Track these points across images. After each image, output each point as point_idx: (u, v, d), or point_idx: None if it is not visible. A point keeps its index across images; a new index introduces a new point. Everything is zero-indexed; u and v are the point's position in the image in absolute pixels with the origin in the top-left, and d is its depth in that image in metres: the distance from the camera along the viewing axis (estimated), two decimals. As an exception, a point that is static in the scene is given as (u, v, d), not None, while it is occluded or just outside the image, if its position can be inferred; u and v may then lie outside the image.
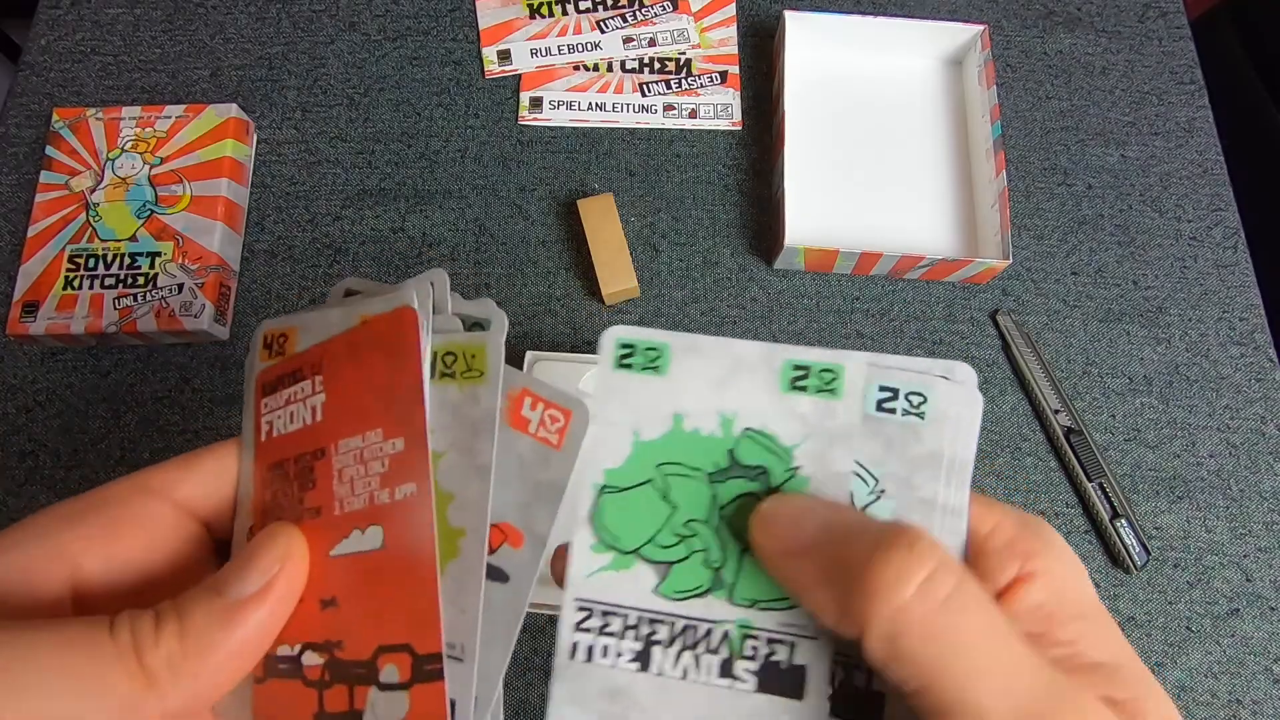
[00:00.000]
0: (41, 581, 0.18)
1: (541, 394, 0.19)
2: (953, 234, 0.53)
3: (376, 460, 0.19)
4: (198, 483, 0.21)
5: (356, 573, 0.19)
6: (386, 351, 0.20)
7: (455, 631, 0.18)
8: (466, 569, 0.19)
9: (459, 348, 0.20)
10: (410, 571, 0.19)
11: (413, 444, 0.19)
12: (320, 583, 0.19)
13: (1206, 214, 0.54)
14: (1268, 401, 0.50)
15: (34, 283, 0.48)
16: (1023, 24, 0.59)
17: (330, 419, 0.20)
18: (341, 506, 0.19)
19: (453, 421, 0.19)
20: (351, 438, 0.20)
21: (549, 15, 0.58)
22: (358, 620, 0.19)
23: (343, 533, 0.19)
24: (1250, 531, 0.47)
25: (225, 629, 0.18)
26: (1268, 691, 0.44)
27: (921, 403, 0.20)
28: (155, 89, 0.56)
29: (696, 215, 0.54)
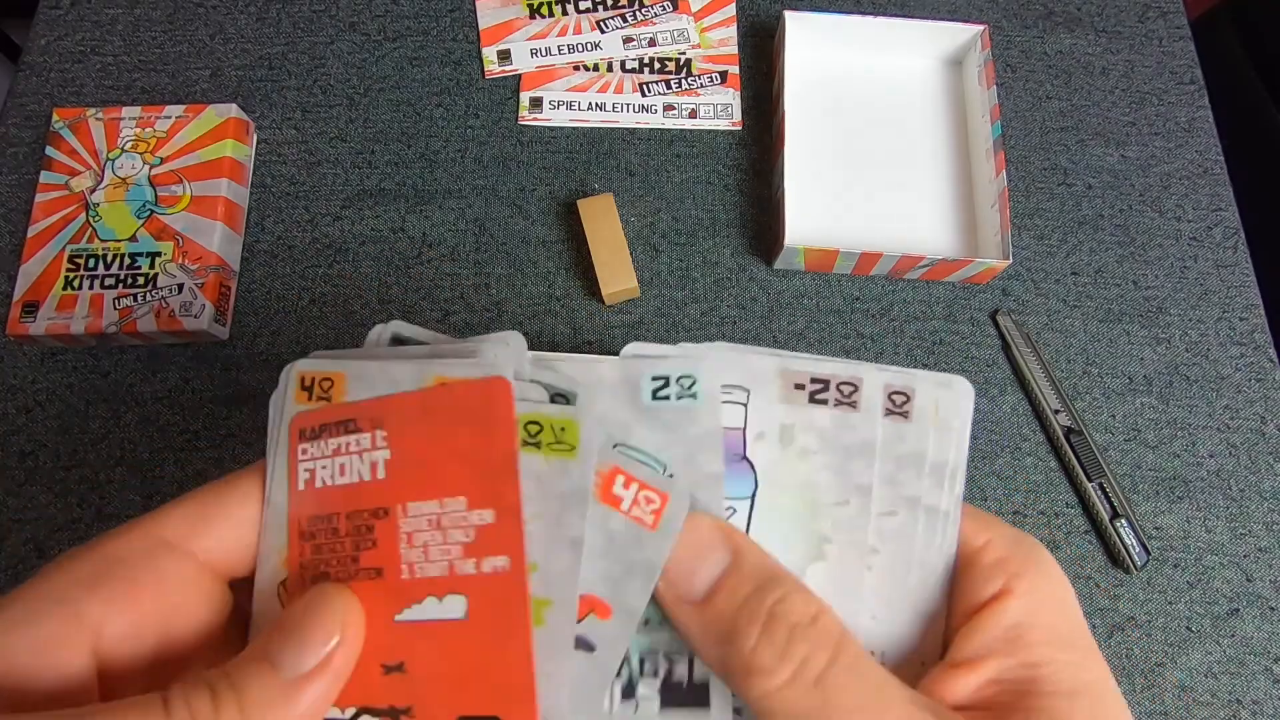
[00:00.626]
0: (65, 656, 0.17)
1: (635, 474, 0.19)
2: (953, 234, 0.53)
3: (458, 529, 0.19)
4: (220, 533, 0.19)
5: (431, 641, 0.18)
6: (472, 420, 0.19)
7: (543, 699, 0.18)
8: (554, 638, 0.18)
9: (545, 420, 0.19)
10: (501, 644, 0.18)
11: (505, 517, 0.18)
12: (383, 648, 0.19)
13: (1206, 214, 0.54)
14: (1268, 401, 0.50)
15: (34, 283, 0.48)
16: (1023, 24, 0.59)
17: (397, 480, 0.19)
18: (411, 571, 0.19)
19: (537, 492, 0.19)
20: (426, 502, 0.19)
21: (549, 15, 0.58)
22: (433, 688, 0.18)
23: (415, 598, 0.19)
24: (1250, 531, 0.47)
25: (284, 705, 0.17)
26: (1268, 691, 0.44)
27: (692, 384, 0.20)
28: (155, 89, 0.56)
29: (696, 215, 0.54)
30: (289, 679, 0.17)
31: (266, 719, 0.16)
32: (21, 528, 0.46)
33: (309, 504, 0.20)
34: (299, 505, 0.20)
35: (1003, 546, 0.20)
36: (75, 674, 0.17)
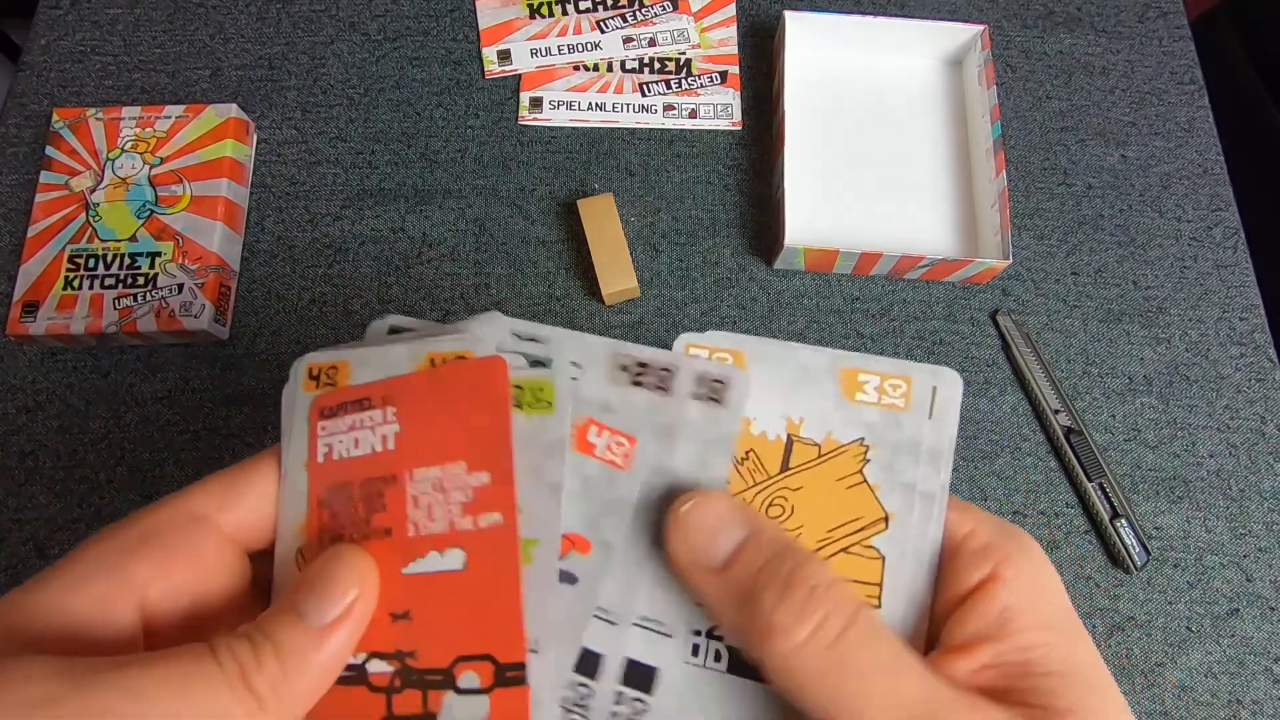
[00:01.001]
0: (116, 613, 0.19)
1: (606, 422, 0.22)
2: (953, 234, 0.53)
3: (459, 490, 0.21)
4: (244, 507, 0.21)
5: (433, 590, 0.20)
6: (472, 395, 0.21)
7: (532, 628, 0.20)
8: (540, 573, 0.20)
9: (525, 382, 0.22)
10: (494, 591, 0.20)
11: (499, 479, 0.21)
12: (392, 598, 0.20)
13: (1206, 214, 0.54)
14: (1268, 401, 0.50)
15: (34, 283, 0.48)
16: (1023, 24, 0.59)
17: (405, 449, 0.21)
18: (416, 529, 0.21)
19: (521, 444, 0.21)
20: (430, 468, 0.21)
21: (549, 15, 0.58)
22: (434, 632, 0.20)
23: (419, 553, 0.21)
24: (1250, 531, 0.47)
25: (315, 651, 0.18)
26: (1268, 691, 0.44)
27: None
28: (155, 89, 0.56)
29: (696, 215, 0.54)
30: (316, 628, 0.19)
31: (300, 664, 0.18)
32: (21, 528, 0.46)
33: (327, 475, 0.22)
34: (317, 476, 0.22)
35: (987, 533, 0.21)
36: (125, 629, 0.19)
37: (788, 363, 0.22)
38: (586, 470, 0.21)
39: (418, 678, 0.20)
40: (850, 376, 0.22)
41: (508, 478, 0.20)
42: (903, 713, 0.17)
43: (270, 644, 0.18)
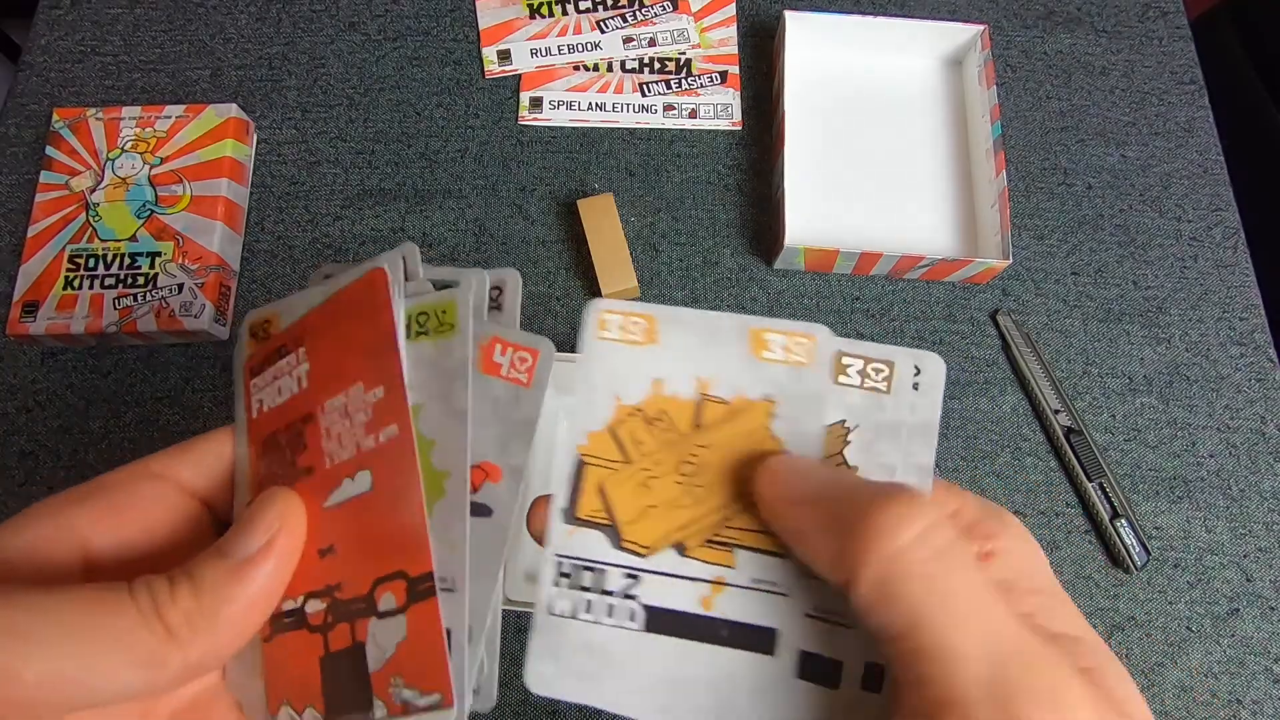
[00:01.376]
0: (53, 556, 0.19)
1: (509, 339, 0.21)
2: (953, 234, 0.53)
3: (360, 411, 0.21)
4: (196, 465, 0.22)
5: (350, 518, 0.20)
6: (361, 313, 0.21)
7: (446, 566, 0.19)
8: (452, 507, 0.20)
9: (430, 307, 0.21)
10: (399, 503, 0.20)
11: (391, 389, 0.20)
12: (318, 534, 0.21)
13: (1206, 214, 0.54)
14: (1268, 401, 0.50)
15: (34, 283, 0.48)
16: (1023, 24, 0.59)
17: (315, 385, 0.22)
18: (331, 460, 0.21)
19: (430, 375, 0.21)
20: (335, 397, 0.21)
21: (549, 15, 0.58)
22: (354, 561, 0.20)
23: (335, 483, 0.21)
24: (1250, 531, 0.47)
25: (235, 585, 0.19)
26: (1268, 691, 0.44)
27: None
28: (155, 89, 0.56)
29: (696, 215, 0.54)
30: (236, 563, 0.19)
31: (219, 596, 0.18)
32: (21, 528, 0.46)
33: (262, 428, 0.22)
34: (255, 431, 0.23)
35: (972, 512, 0.21)
36: (61, 572, 0.19)
37: (698, 325, 0.22)
38: (494, 392, 0.21)
39: (344, 609, 0.20)
40: (757, 336, 0.22)
41: (398, 386, 0.20)
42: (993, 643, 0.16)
43: (188, 580, 0.18)
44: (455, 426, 0.20)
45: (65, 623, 0.17)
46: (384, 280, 0.21)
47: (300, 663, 0.20)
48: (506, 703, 0.43)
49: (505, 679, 0.45)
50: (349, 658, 0.20)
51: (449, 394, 0.21)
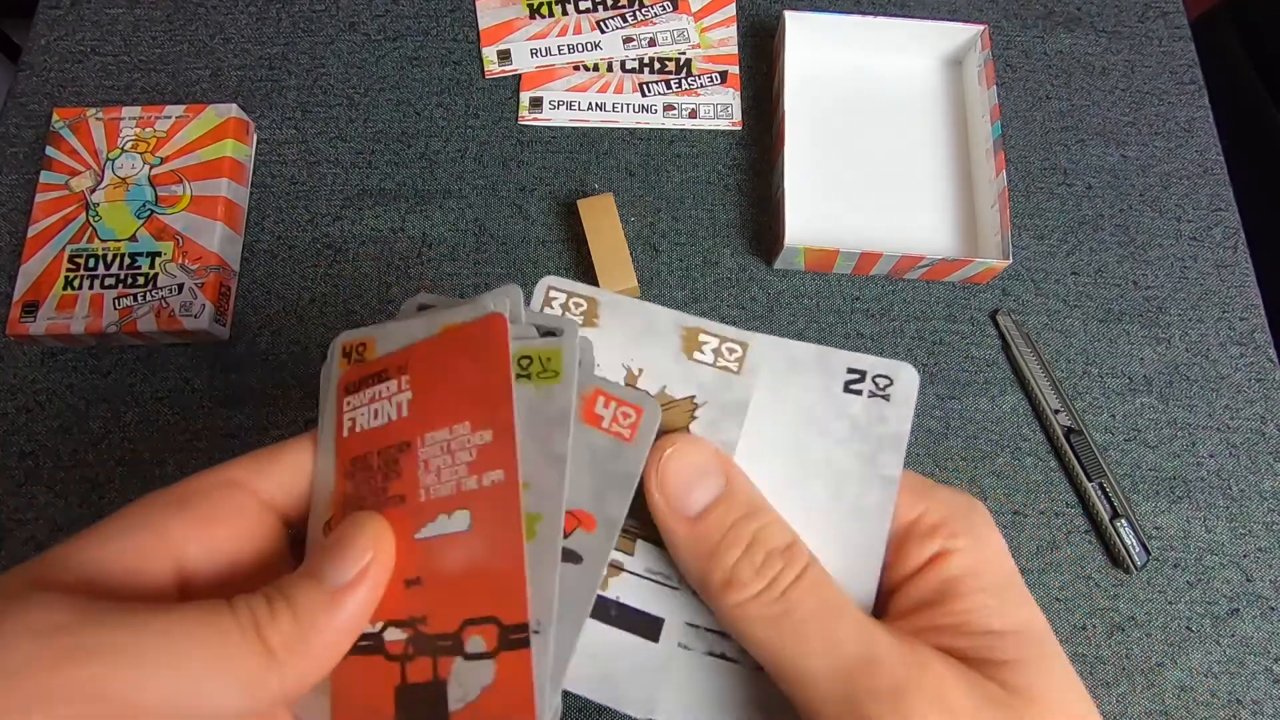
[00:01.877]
0: (150, 569, 0.19)
1: (613, 393, 0.22)
2: (953, 234, 0.53)
3: (464, 451, 0.21)
4: (278, 477, 0.22)
5: (443, 554, 0.20)
6: (474, 354, 0.21)
7: (534, 608, 0.19)
8: (542, 551, 0.20)
9: (534, 352, 0.21)
10: (497, 549, 0.20)
11: (501, 435, 0.20)
12: (405, 564, 0.21)
13: (1206, 214, 0.54)
14: (1268, 401, 0.50)
15: (34, 283, 0.48)
16: (1023, 24, 0.59)
17: (416, 415, 0.22)
18: (428, 493, 0.21)
19: (529, 418, 0.21)
20: (438, 431, 0.21)
21: (549, 15, 0.58)
22: (443, 597, 0.20)
23: (429, 517, 0.21)
24: (1250, 531, 0.47)
25: (329, 612, 0.19)
26: (1268, 691, 0.44)
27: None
28: (155, 89, 0.56)
29: (696, 215, 0.54)
30: (332, 589, 0.19)
31: (315, 622, 0.18)
32: (21, 528, 0.46)
33: (351, 448, 0.22)
34: (344, 450, 0.23)
35: (938, 513, 0.21)
36: (159, 584, 0.19)
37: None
38: (594, 442, 0.21)
39: (428, 644, 0.20)
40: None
41: (509, 433, 0.20)
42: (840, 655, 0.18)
43: (286, 602, 0.18)
44: (551, 471, 0.20)
45: (177, 646, 0.17)
46: (502, 326, 0.21)
47: (373, 689, 0.20)
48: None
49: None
50: (429, 692, 0.20)
51: (548, 439, 0.21)
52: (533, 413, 0.21)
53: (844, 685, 0.17)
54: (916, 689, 0.17)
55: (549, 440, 0.21)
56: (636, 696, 0.21)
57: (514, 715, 0.19)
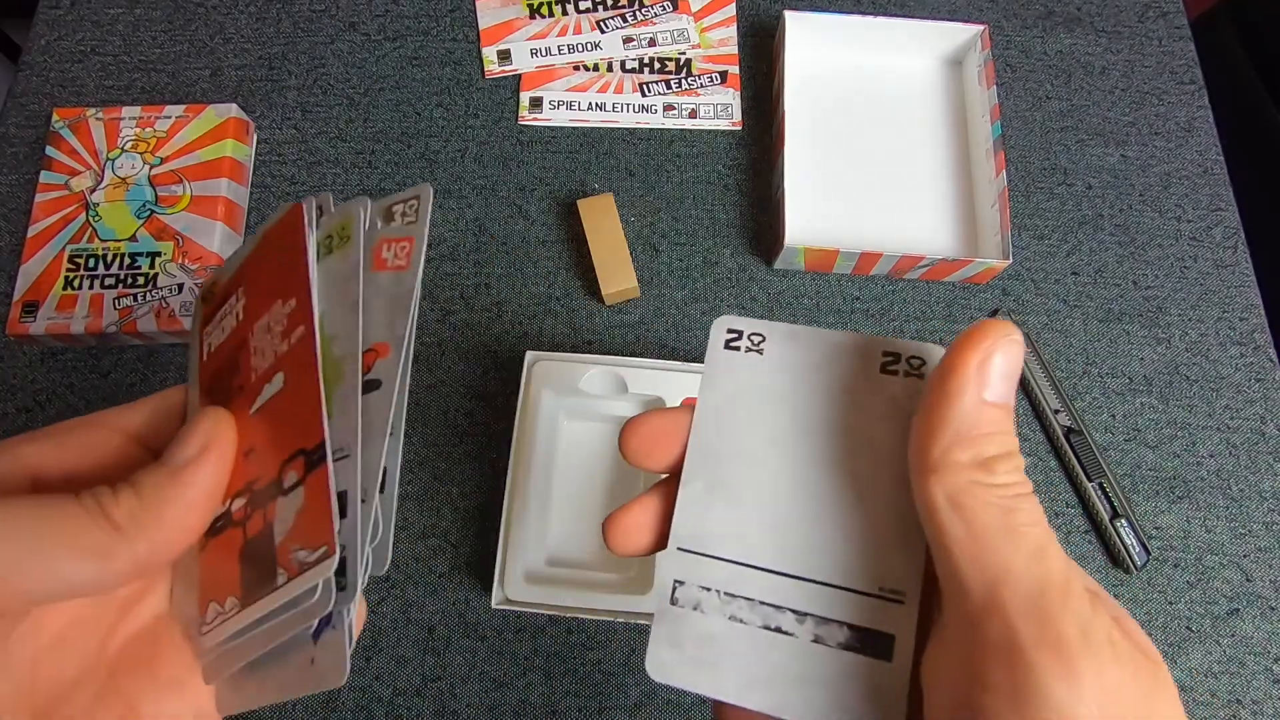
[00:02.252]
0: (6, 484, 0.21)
1: (393, 235, 0.24)
2: (953, 234, 0.53)
3: (278, 324, 0.23)
4: (143, 415, 0.24)
5: (268, 418, 0.22)
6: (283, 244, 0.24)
7: (341, 435, 0.21)
8: (348, 386, 0.22)
9: (334, 228, 0.24)
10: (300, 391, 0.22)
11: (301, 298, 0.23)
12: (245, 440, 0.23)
13: (1206, 214, 0.54)
14: (1268, 401, 0.50)
15: (34, 283, 0.48)
16: (1023, 24, 0.59)
17: (247, 315, 0.24)
18: (256, 373, 0.23)
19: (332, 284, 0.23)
20: (262, 318, 0.24)
21: (549, 15, 0.58)
22: (268, 454, 0.22)
23: (258, 392, 0.23)
24: (1250, 531, 0.47)
25: (174, 487, 0.20)
26: (1268, 691, 0.44)
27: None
28: (155, 89, 0.56)
29: (696, 215, 0.54)
30: (173, 469, 0.21)
31: (161, 497, 0.20)
32: (21, 528, 0.46)
33: (208, 369, 0.25)
34: (203, 374, 0.25)
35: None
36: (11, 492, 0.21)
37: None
38: (381, 283, 0.23)
39: (259, 498, 0.22)
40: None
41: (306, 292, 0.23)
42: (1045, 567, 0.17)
43: (129, 485, 0.20)
44: (350, 318, 0.23)
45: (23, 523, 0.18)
46: (298, 212, 0.24)
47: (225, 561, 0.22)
48: (506, 702, 0.43)
49: (507, 679, 0.45)
50: (261, 541, 0.21)
51: (344, 292, 0.23)
52: (334, 277, 0.23)
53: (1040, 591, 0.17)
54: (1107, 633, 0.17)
55: (346, 292, 0.23)
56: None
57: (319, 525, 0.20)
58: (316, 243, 0.24)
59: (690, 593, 0.21)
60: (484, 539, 0.46)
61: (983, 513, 0.18)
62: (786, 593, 0.21)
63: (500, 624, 0.45)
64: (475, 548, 0.46)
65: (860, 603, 0.21)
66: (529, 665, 0.44)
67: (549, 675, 0.44)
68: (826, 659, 0.20)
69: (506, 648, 0.44)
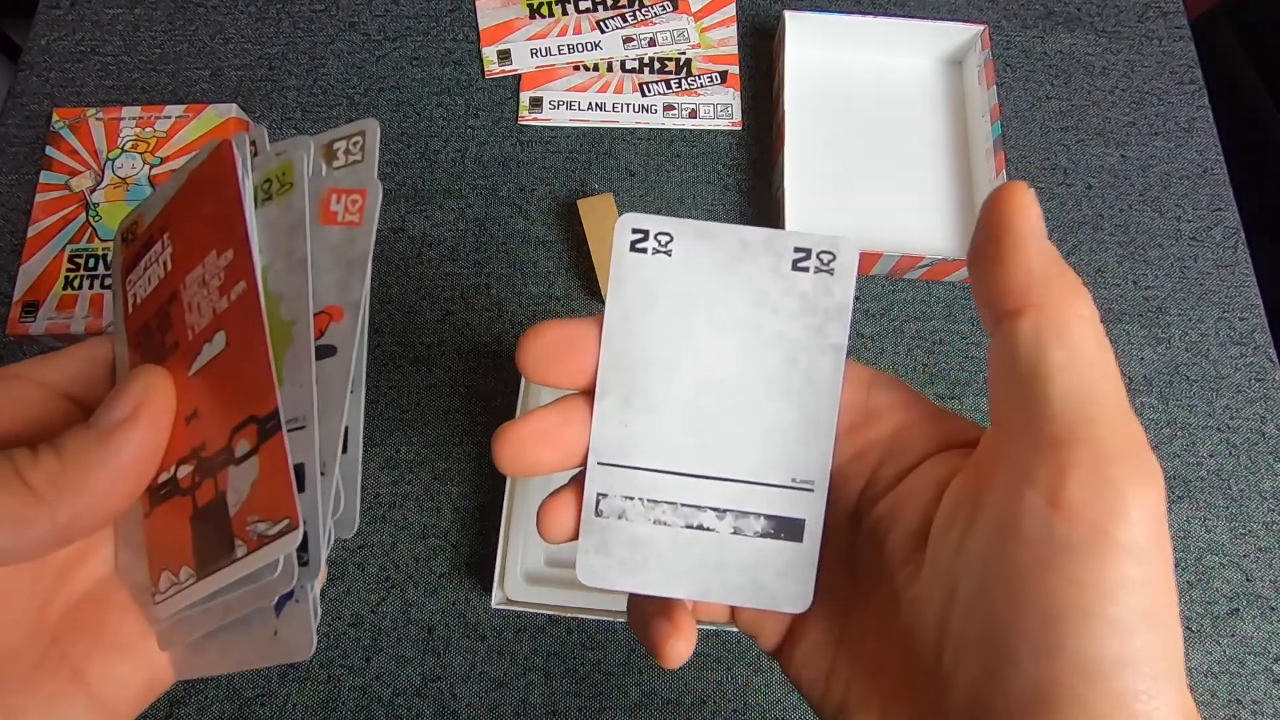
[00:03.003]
0: None
1: (343, 185, 0.22)
2: (953, 234, 0.53)
3: (215, 278, 0.21)
4: (64, 367, 0.22)
5: (210, 380, 0.21)
6: (213, 188, 0.22)
7: (296, 405, 0.20)
8: (299, 351, 0.21)
9: (273, 172, 0.22)
10: (247, 353, 0.20)
11: (239, 249, 0.21)
12: (185, 403, 0.21)
13: (1206, 214, 0.54)
14: (1268, 401, 0.50)
15: (34, 283, 0.48)
16: (1023, 24, 0.59)
17: (177, 265, 0.23)
18: (193, 331, 0.22)
19: (275, 235, 0.22)
20: (194, 270, 0.22)
21: (549, 15, 0.58)
22: (215, 418, 0.21)
23: (196, 351, 0.21)
24: (1250, 531, 0.47)
25: (101, 451, 0.19)
26: (1268, 691, 0.44)
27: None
28: (155, 89, 0.56)
29: (696, 215, 0.54)
30: (102, 432, 0.19)
31: (85, 460, 0.19)
32: (21, 528, 0.46)
33: (136, 321, 0.23)
34: (131, 326, 0.24)
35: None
36: None
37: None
38: (331, 239, 0.22)
39: (208, 465, 0.21)
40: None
41: (245, 245, 0.21)
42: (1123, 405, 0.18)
43: (52, 448, 0.19)
44: (298, 277, 0.21)
45: None
46: (229, 151, 0.22)
47: (175, 528, 0.21)
48: (506, 702, 0.43)
49: (507, 679, 0.45)
50: (214, 509, 0.20)
51: (290, 248, 0.21)
52: (276, 228, 0.22)
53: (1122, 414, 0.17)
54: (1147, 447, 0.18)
55: (291, 248, 0.21)
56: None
57: (278, 497, 0.19)
58: (254, 186, 0.22)
59: (614, 503, 0.22)
60: (484, 539, 0.46)
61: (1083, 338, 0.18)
62: (706, 493, 0.22)
63: (500, 624, 0.45)
64: (475, 548, 0.46)
65: (775, 494, 0.22)
66: (529, 665, 0.44)
67: (549, 675, 0.44)
68: (744, 547, 0.22)
69: (506, 648, 0.44)
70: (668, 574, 0.22)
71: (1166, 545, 0.17)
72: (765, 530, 0.22)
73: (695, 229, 0.22)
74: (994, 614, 0.17)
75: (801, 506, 0.22)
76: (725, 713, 0.44)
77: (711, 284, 0.22)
